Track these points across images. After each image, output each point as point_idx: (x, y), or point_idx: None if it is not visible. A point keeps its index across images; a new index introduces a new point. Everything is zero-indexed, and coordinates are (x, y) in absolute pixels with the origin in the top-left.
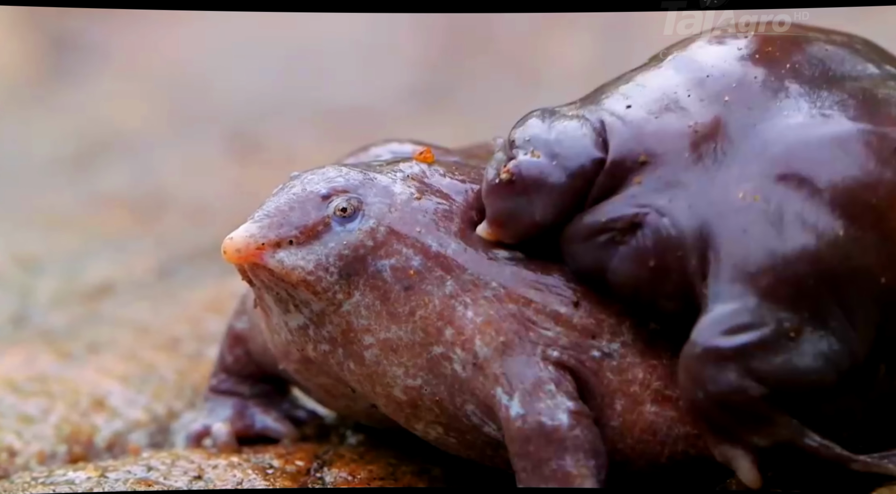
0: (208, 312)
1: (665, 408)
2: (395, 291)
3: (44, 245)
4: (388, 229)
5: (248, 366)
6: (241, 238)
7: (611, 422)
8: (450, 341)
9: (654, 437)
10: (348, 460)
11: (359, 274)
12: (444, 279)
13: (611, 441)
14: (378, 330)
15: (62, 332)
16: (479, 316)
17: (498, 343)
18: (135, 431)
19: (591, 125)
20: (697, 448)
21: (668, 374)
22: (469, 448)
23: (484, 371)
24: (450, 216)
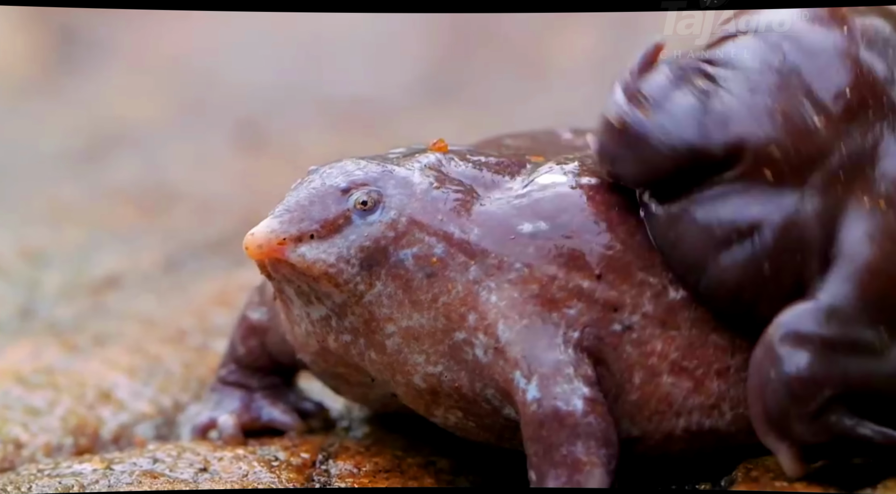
0: (215, 305)
1: (682, 379)
2: (418, 279)
3: (51, 238)
4: (409, 219)
5: (260, 358)
6: (263, 233)
7: (629, 397)
8: (472, 326)
9: (669, 408)
10: (353, 452)
11: (380, 264)
12: (467, 265)
13: (629, 415)
14: (400, 318)
15: (69, 325)
16: (503, 300)
17: (521, 326)
18: (141, 423)
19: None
20: (712, 418)
21: (686, 345)
22: (487, 431)
23: (504, 355)
24: (470, 202)
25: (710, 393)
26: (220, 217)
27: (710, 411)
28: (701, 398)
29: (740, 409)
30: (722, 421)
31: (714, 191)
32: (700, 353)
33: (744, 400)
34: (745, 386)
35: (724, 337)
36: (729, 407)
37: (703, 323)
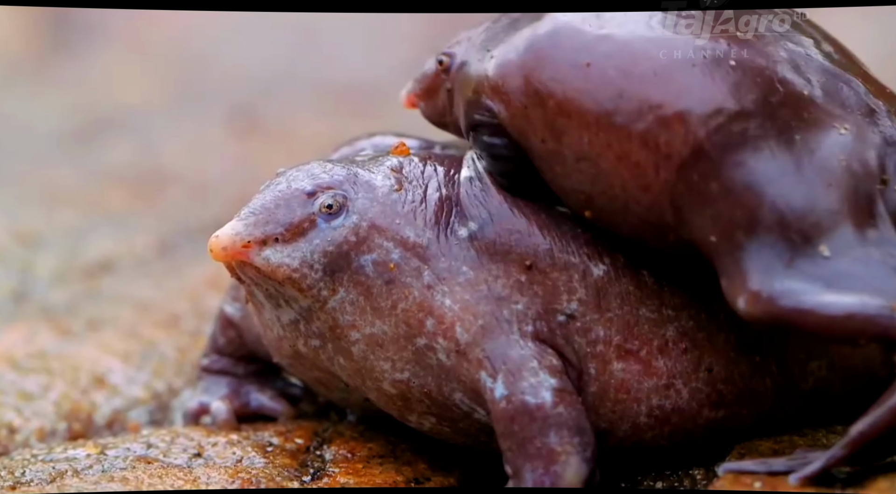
0: (209, 289)
1: (630, 363)
2: (378, 286)
3: (44, 221)
4: (370, 223)
5: (240, 349)
6: (227, 236)
7: (590, 388)
8: (431, 331)
9: (628, 395)
10: (348, 437)
11: (342, 270)
12: (421, 270)
13: (594, 408)
14: (363, 325)
15: (62, 309)
16: (457, 302)
17: (477, 327)
18: (135, 408)
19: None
20: (670, 399)
21: (623, 325)
22: (463, 435)
23: (467, 356)
24: (426, 205)
25: (660, 373)
26: (214, 200)
27: (666, 391)
28: (653, 379)
29: (693, 383)
30: (681, 399)
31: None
32: (637, 332)
33: (692, 371)
34: (687, 357)
35: (651, 308)
36: (682, 383)
37: (629, 298)
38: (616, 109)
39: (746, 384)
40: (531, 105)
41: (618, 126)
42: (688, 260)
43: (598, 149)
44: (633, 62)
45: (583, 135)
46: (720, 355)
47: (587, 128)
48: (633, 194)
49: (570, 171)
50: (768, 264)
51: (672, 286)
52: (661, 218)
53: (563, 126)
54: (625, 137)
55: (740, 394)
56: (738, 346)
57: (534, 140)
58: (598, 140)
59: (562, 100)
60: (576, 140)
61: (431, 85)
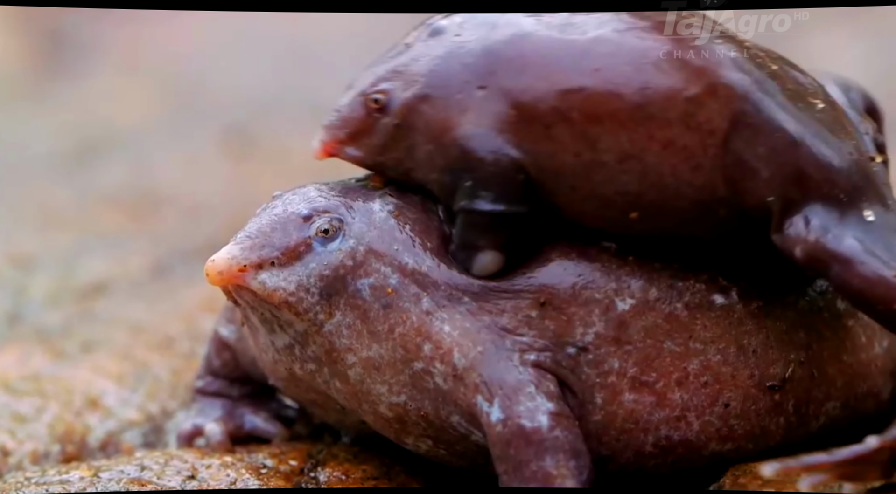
0: (203, 311)
1: (643, 394)
2: (375, 310)
3: (38, 242)
4: (367, 248)
5: (235, 370)
6: (223, 260)
7: (593, 417)
8: (429, 356)
9: (636, 425)
10: (342, 459)
11: (339, 294)
12: (420, 296)
13: (595, 437)
14: (360, 349)
15: (56, 331)
16: (456, 329)
17: (476, 353)
18: (128, 430)
19: None
20: (679, 431)
21: (642, 358)
22: (460, 458)
23: (464, 381)
24: (426, 232)
25: (673, 405)
26: (209, 221)
27: (677, 423)
28: (665, 411)
29: (706, 416)
30: (690, 432)
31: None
32: (657, 364)
33: (707, 405)
34: (706, 391)
35: (678, 342)
36: (695, 416)
37: (655, 332)
38: (646, 101)
39: (759, 421)
40: (554, 123)
41: (654, 116)
42: (728, 243)
43: (641, 143)
44: (641, 54)
45: (620, 134)
46: (740, 391)
47: (623, 127)
48: (685, 178)
49: (614, 175)
50: (824, 217)
51: (707, 317)
52: (713, 194)
53: (596, 133)
54: (665, 125)
55: (751, 431)
56: (761, 383)
57: (565, 158)
58: (639, 134)
59: (587, 109)
60: (614, 142)
61: (361, 126)
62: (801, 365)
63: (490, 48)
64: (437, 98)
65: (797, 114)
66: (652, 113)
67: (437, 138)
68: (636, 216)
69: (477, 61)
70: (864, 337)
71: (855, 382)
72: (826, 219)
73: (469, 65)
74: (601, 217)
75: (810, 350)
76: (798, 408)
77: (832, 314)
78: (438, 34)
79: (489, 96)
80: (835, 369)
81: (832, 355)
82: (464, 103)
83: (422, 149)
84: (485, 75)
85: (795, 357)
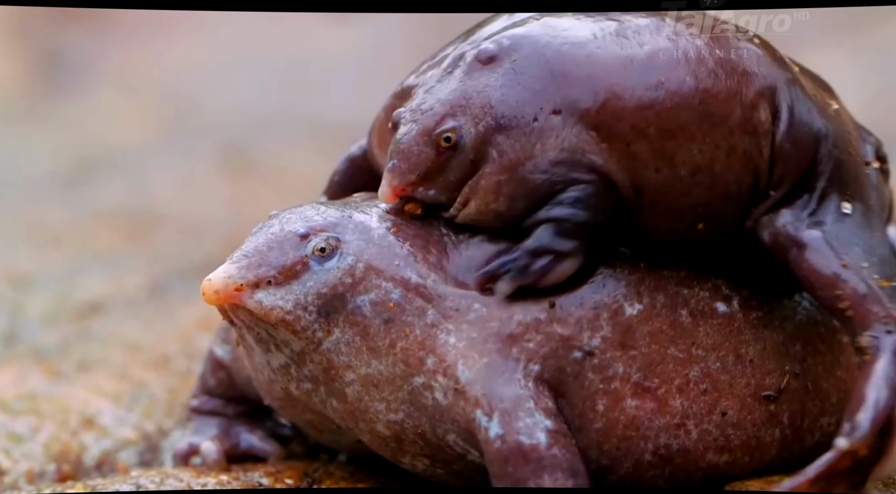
0: (200, 330)
1: (645, 400)
2: (375, 325)
3: (35, 261)
4: (366, 265)
5: (231, 390)
6: (220, 279)
7: (594, 425)
8: (431, 369)
9: (637, 432)
10: (338, 478)
11: (338, 311)
12: (424, 309)
13: (596, 445)
14: (359, 365)
15: (53, 350)
16: (462, 340)
17: (481, 365)
18: (124, 449)
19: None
20: (678, 439)
21: (646, 363)
22: (457, 477)
23: (465, 395)
24: (426, 247)
25: (674, 412)
26: (205, 240)
27: (677, 430)
28: (666, 418)
29: (704, 425)
30: (689, 441)
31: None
32: (660, 370)
33: (706, 413)
34: (705, 399)
35: (681, 348)
36: (694, 424)
37: (660, 337)
38: (710, 111)
39: (755, 432)
40: (633, 141)
41: (719, 125)
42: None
43: (709, 154)
44: (698, 61)
45: (692, 147)
46: (737, 399)
47: (694, 140)
48: (745, 181)
49: (688, 188)
50: (798, 205)
51: (709, 325)
52: (759, 191)
53: (672, 148)
54: (728, 133)
55: (747, 442)
56: (757, 392)
57: (647, 174)
58: (707, 145)
59: (661, 124)
60: (688, 155)
61: (433, 166)
62: (796, 377)
63: (557, 71)
64: (512, 128)
65: (821, 113)
66: (717, 122)
67: (514, 168)
68: (702, 226)
69: (546, 87)
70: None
71: (849, 398)
72: (802, 206)
73: (539, 91)
74: (670, 230)
75: (805, 363)
76: (793, 421)
77: (827, 329)
78: (491, 61)
79: (567, 120)
80: (829, 384)
81: (826, 369)
82: (542, 130)
83: (491, 179)
84: (557, 100)
85: (791, 368)
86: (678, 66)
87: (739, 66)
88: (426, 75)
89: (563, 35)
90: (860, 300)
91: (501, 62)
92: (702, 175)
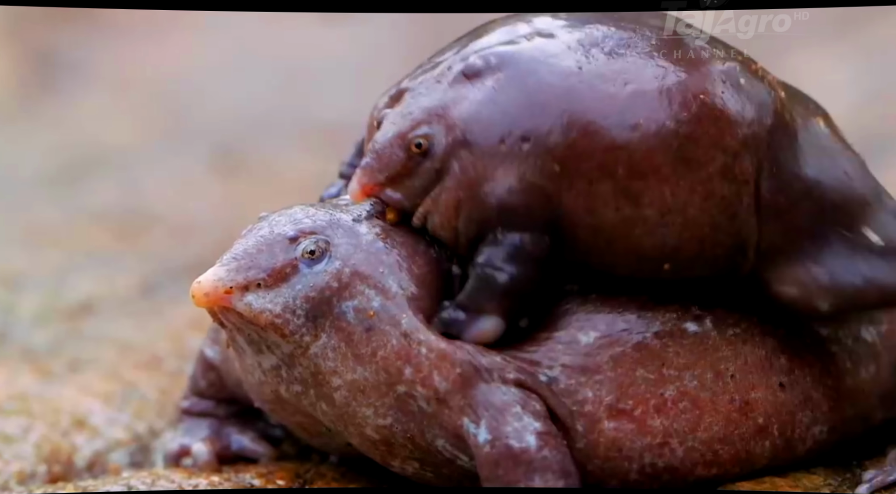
0: (191, 330)
1: (622, 422)
2: (358, 333)
3: (26, 261)
4: (352, 270)
5: (221, 391)
6: (209, 281)
7: (577, 445)
8: (410, 379)
9: (619, 453)
10: (329, 479)
11: (325, 316)
12: (398, 318)
13: (581, 464)
14: (345, 371)
15: (44, 350)
16: (433, 351)
17: (455, 375)
18: (115, 450)
19: None
20: (664, 458)
21: (616, 387)
22: (447, 481)
23: (448, 404)
24: (412, 256)
25: (655, 432)
26: (197, 240)
27: (661, 449)
28: (647, 438)
29: (689, 442)
30: (675, 459)
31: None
32: (632, 392)
33: (689, 431)
34: (686, 417)
35: (650, 370)
36: (678, 442)
37: (624, 360)
38: (689, 156)
39: (745, 446)
40: (597, 179)
41: (697, 170)
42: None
43: (683, 197)
44: (681, 106)
45: (664, 189)
46: (721, 415)
47: (667, 182)
48: (723, 227)
49: (654, 229)
50: (834, 259)
51: (679, 345)
52: (744, 240)
53: (639, 189)
54: (706, 178)
55: (736, 455)
56: (743, 407)
57: (605, 213)
58: (681, 189)
59: (632, 165)
60: (657, 197)
61: (401, 170)
62: (783, 388)
63: (534, 100)
64: (477, 146)
65: (814, 155)
66: (694, 168)
67: (472, 187)
68: (668, 267)
69: (520, 113)
70: (849, 363)
71: (841, 406)
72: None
73: (512, 115)
74: (632, 269)
75: (792, 374)
76: (783, 432)
77: (814, 339)
78: (476, 77)
79: (533, 151)
80: (819, 393)
81: (815, 380)
82: (506, 155)
83: (451, 194)
84: (529, 128)
85: (777, 380)
86: (659, 110)
87: (724, 113)
88: (418, 80)
89: (549, 62)
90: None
91: (485, 79)
92: (672, 216)
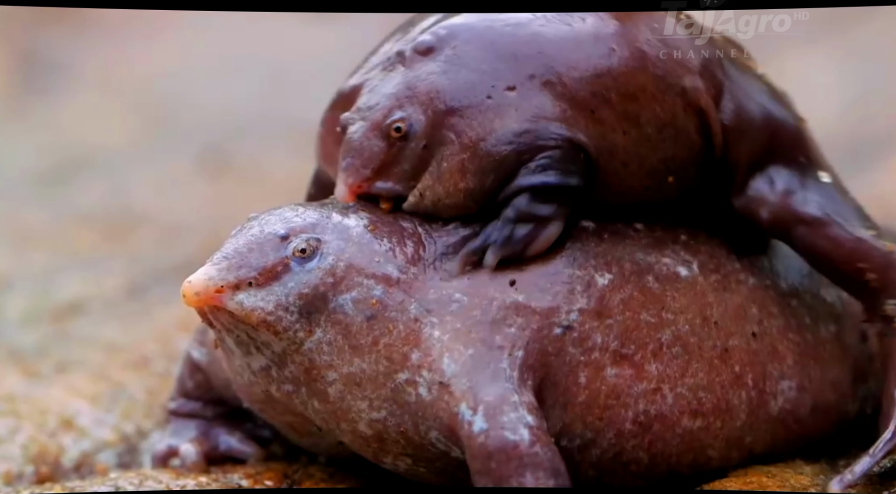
0: (179, 331)
1: (623, 367)
2: (357, 323)
3: (13, 262)
4: (347, 264)
5: (208, 392)
6: (200, 281)
7: (578, 399)
8: (416, 364)
9: (617, 400)
10: (318, 479)
11: (319, 311)
12: (407, 303)
13: (580, 418)
14: (341, 364)
15: (31, 351)
16: (447, 333)
17: (466, 357)
18: (103, 451)
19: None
20: (655, 404)
21: (622, 331)
22: (440, 475)
23: (449, 389)
24: (402, 242)
25: (650, 377)
26: (185, 241)
27: (654, 395)
28: (643, 383)
29: (678, 388)
30: (665, 405)
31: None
32: (635, 336)
33: (679, 377)
34: (677, 362)
35: (653, 312)
36: (669, 388)
37: (632, 303)
38: (666, 71)
39: (724, 394)
40: (597, 107)
41: (674, 85)
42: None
43: (671, 110)
44: (643, 37)
45: (654, 106)
46: (705, 361)
47: (655, 99)
48: (703, 135)
49: (657, 144)
50: (787, 178)
51: (675, 288)
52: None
53: (635, 109)
54: (682, 92)
55: (717, 404)
56: (723, 354)
57: (616, 136)
58: (667, 102)
59: (621, 89)
60: (652, 114)
61: (386, 158)
62: (755, 338)
63: (504, 51)
64: (465, 109)
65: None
66: (672, 81)
67: (475, 146)
68: (672, 180)
69: (495, 66)
70: (808, 319)
71: (806, 362)
72: (789, 181)
73: (487, 71)
74: (644, 188)
75: (762, 325)
76: (756, 383)
77: (778, 292)
78: (430, 52)
79: (525, 94)
80: (784, 346)
81: (781, 332)
82: (498, 107)
83: (453, 161)
84: (509, 76)
85: (750, 329)
86: (626, 37)
87: (679, 42)
88: (366, 76)
89: (502, 19)
90: (884, 267)
91: (441, 51)
92: (668, 130)
